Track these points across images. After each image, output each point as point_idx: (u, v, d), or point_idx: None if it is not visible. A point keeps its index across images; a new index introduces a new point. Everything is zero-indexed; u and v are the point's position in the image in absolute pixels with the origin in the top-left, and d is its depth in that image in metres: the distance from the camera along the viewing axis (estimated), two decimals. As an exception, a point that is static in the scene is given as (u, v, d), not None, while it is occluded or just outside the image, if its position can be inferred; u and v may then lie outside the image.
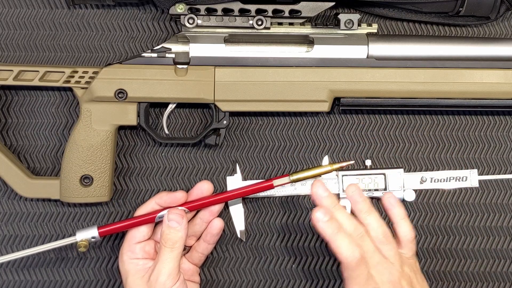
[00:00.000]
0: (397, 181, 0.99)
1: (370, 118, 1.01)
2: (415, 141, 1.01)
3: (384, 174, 0.99)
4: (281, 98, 0.95)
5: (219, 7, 0.93)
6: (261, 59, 0.94)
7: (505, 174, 1.01)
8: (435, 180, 1.00)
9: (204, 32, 0.94)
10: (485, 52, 0.95)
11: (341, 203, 0.98)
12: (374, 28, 0.95)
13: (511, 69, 0.95)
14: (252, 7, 0.93)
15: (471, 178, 1.00)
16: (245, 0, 0.93)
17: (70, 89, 0.96)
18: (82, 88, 0.94)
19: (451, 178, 1.00)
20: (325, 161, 1.00)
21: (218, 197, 0.94)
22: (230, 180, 0.99)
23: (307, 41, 0.95)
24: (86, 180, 0.94)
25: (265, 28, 0.94)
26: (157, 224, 0.95)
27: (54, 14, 1.00)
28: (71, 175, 0.94)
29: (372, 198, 0.99)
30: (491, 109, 0.98)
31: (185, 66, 0.94)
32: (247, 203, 1.00)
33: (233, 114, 1.00)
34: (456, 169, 1.01)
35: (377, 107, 0.96)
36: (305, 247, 1.00)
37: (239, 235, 1.00)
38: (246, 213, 1.00)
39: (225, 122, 0.96)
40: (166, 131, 0.98)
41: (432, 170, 1.01)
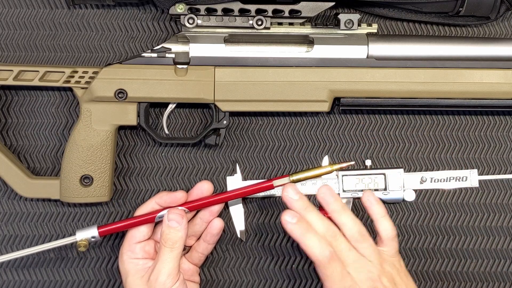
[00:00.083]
0: (397, 181, 0.99)
1: (370, 118, 1.01)
2: (415, 141, 1.01)
3: (384, 174, 0.99)
4: (281, 98, 0.95)
5: (219, 7, 0.93)
6: (261, 59, 0.94)
7: (505, 174, 1.01)
8: (435, 180, 1.00)
9: (204, 32, 0.94)
10: (485, 52, 0.95)
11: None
12: (374, 28, 0.95)
13: (511, 69, 0.95)
14: (252, 7, 0.93)
15: (471, 178, 1.00)
16: (245, 0, 0.93)
17: (70, 89, 0.96)
18: (82, 88, 0.94)
19: (451, 178, 1.00)
20: (325, 161, 1.00)
21: (218, 197, 0.94)
22: (230, 180, 0.99)
23: (307, 41, 0.95)
24: (86, 180, 0.94)
25: (265, 28, 0.94)
26: (157, 224, 0.95)
27: (54, 14, 1.00)
28: (71, 175, 0.94)
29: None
30: (491, 109, 0.98)
31: (185, 66, 0.94)
32: (247, 203, 1.00)
33: (233, 114, 1.00)
34: (456, 169, 1.01)
35: (377, 107, 0.96)
36: (305, 247, 1.00)
37: (239, 235, 1.00)
38: (246, 213, 1.00)
39: (225, 122, 0.96)
40: (166, 131, 0.98)
41: (432, 170, 1.00)
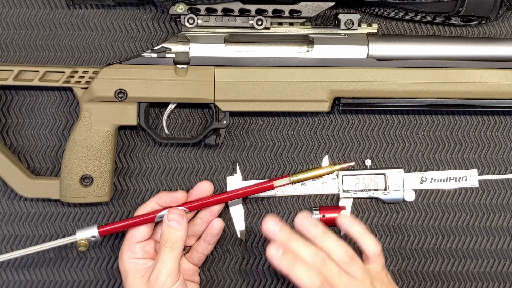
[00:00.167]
0: (397, 181, 0.99)
1: (370, 118, 1.01)
2: (415, 141, 1.01)
3: (384, 174, 0.99)
4: (281, 98, 0.94)
5: (219, 7, 0.93)
6: (261, 59, 0.94)
7: (505, 174, 1.01)
8: (435, 180, 1.00)
9: (204, 32, 0.94)
10: (485, 52, 0.95)
11: (341, 204, 0.99)
12: (374, 28, 0.95)
13: (511, 69, 0.95)
14: (252, 7, 0.93)
15: (471, 178, 1.00)
16: (245, 0, 0.93)
17: (70, 89, 0.96)
18: (82, 88, 0.94)
19: (451, 178, 1.00)
20: (325, 161, 1.00)
21: (218, 198, 0.94)
22: (230, 180, 0.99)
23: (307, 41, 0.95)
24: (86, 180, 0.94)
25: (265, 28, 0.94)
26: (157, 224, 0.95)
27: (54, 14, 1.00)
28: (71, 175, 0.94)
29: (372, 198, 1.00)
30: (491, 109, 0.98)
31: (185, 66, 0.94)
32: (247, 203, 1.00)
33: (233, 114, 1.00)
34: (456, 169, 1.01)
35: (377, 107, 0.96)
36: (305, 247, 1.00)
37: (239, 235, 1.00)
38: (246, 213, 1.00)
39: (225, 122, 0.96)
40: (166, 131, 0.98)
41: (432, 170, 1.00)
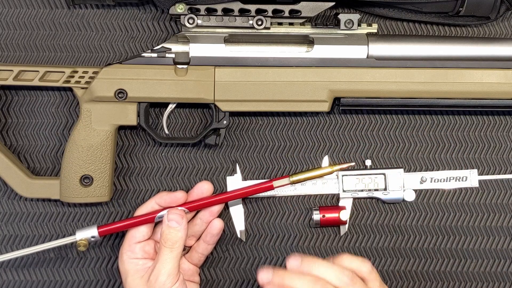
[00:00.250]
0: (397, 181, 0.99)
1: (370, 118, 1.01)
2: (415, 141, 1.01)
3: (384, 174, 0.99)
4: (281, 98, 0.94)
5: (219, 7, 0.93)
6: (261, 59, 0.94)
7: (505, 174, 1.01)
8: (435, 180, 1.00)
9: (204, 32, 0.94)
10: (485, 52, 0.95)
11: (341, 204, 0.99)
12: (374, 28, 0.95)
13: (511, 69, 0.95)
14: (252, 7, 0.93)
15: (471, 178, 1.00)
16: (245, 0, 0.93)
17: (70, 89, 0.96)
18: (82, 88, 0.94)
19: (451, 178, 1.00)
20: (325, 161, 1.00)
21: (218, 198, 0.94)
22: (230, 180, 0.99)
23: (307, 41, 0.95)
24: (86, 180, 0.94)
25: (265, 28, 0.94)
26: (157, 224, 0.95)
27: (54, 14, 1.00)
28: (71, 175, 0.94)
29: (372, 198, 1.00)
30: (491, 109, 0.98)
31: (185, 66, 0.94)
32: (247, 203, 1.00)
33: (233, 114, 1.00)
34: (456, 169, 1.01)
35: (377, 107, 0.96)
36: (305, 247, 1.00)
37: (239, 235, 1.00)
38: (246, 213, 1.00)
39: (225, 122, 0.96)
40: (166, 131, 0.98)
41: (432, 170, 1.00)
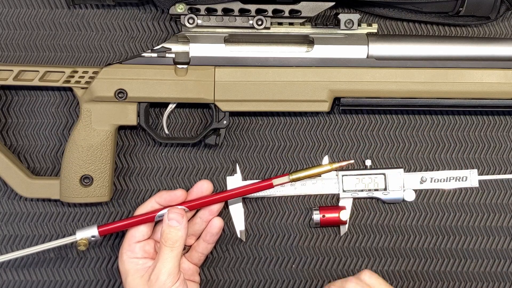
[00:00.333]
0: (397, 181, 0.99)
1: (370, 118, 1.01)
2: (415, 141, 1.01)
3: (384, 174, 0.99)
4: (281, 98, 0.94)
5: (219, 7, 0.93)
6: (261, 59, 0.94)
7: (505, 174, 1.01)
8: (435, 180, 1.00)
9: (204, 32, 0.94)
10: (485, 52, 0.95)
11: (341, 204, 0.99)
12: (374, 28, 0.95)
13: (511, 69, 0.95)
14: (252, 7, 0.93)
15: (471, 178, 1.00)
16: (245, 0, 0.93)
17: (70, 89, 0.96)
18: (82, 88, 0.94)
19: (451, 178, 1.00)
20: (325, 161, 1.00)
21: (218, 196, 0.94)
22: (230, 180, 0.99)
23: (307, 41, 0.95)
24: (86, 180, 0.94)
25: (265, 28, 0.94)
26: (157, 224, 0.95)
27: (54, 14, 1.00)
28: (71, 175, 0.94)
29: (372, 198, 1.00)
30: (491, 109, 0.98)
31: (185, 66, 0.94)
32: (247, 203, 1.00)
33: (233, 114, 1.00)
34: (456, 169, 1.01)
35: (377, 107, 0.96)
36: (305, 247, 1.00)
37: (239, 235, 1.00)
38: (246, 213, 1.00)
39: (225, 122, 0.96)
40: (166, 131, 0.98)
41: (432, 170, 1.00)
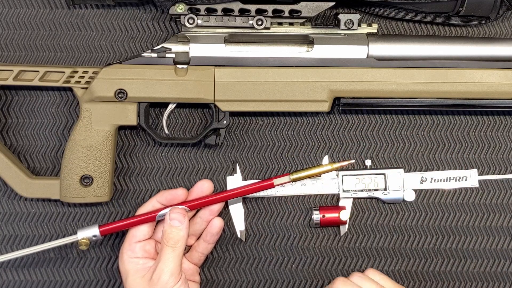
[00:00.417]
0: (397, 181, 0.99)
1: (370, 118, 1.01)
2: (415, 141, 1.01)
3: (384, 174, 0.99)
4: (281, 98, 0.94)
5: (219, 7, 0.93)
6: (261, 59, 0.94)
7: (505, 174, 1.01)
8: (435, 180, 1.00)
9: (204, 32, 0.94)
10: (485, 52, 0.95)
11: (341, 204, 0.99)
12: (374, 28, 0.95)
13: (511, 69, 0.95)
14: (252, 7, 0.93)
15: (471, 178, 1.00)
16: (245, 0, 0.93)
17: (70, 89, 0.96)
18: (82, 88, 0.94)
19: (451, 178, 1.00)
20: (325, 161, 1.00)
21: (219, 196, 0.94)
22: (230, 180, 0.99)
23: (307, 41, 0.95)
24: (86, 180, 0.94)
25: (265, 28, 0.94)
26: (158, 224, 0.95)
27: (54, 14, 1.00)
28: (71, 175, 0.94)
29: (372, 198, 1.00)
30: (491, 109, 0.98)
31: (185, 66, 0.94)
32: (247, 203, 1.00)
33: (233, 114, 1.00)
34: (456, 169, 1.01)
35: (377, 107, 0.96)
36: (305, 247, 1.00)
37: (239, 235, 1.00)
38: (246, 213, 1.00)
39: (225, 122, 0.96)
40: (166, 131, 0.98)
41: (432, 170, 1.00)
